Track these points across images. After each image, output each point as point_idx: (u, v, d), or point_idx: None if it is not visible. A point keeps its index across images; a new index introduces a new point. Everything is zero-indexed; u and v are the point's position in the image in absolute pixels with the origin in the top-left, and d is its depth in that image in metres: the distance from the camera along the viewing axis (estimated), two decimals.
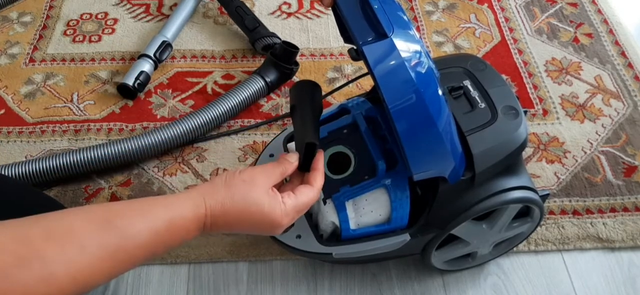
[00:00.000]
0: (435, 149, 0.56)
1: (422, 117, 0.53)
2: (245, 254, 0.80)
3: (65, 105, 0.99)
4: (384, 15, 0.55)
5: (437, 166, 0.58)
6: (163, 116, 0.97)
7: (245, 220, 0.52)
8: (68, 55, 1.08)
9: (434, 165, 0.58)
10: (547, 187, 0.88)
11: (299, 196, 0.55)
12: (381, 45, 0.53)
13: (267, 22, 1.10)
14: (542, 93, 1.02)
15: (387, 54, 0.53)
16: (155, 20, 1.15)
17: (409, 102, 0.52)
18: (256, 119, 0.97)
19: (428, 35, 1.13)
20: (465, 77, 0.69)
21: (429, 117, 0.53)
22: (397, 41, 0.53)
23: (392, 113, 0.53)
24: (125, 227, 0.45)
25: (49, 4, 1.18)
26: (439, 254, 0.73)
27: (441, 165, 0.58)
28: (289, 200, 0.54)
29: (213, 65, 1.06)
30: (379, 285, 0.79)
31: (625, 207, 0.86)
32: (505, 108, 0.65)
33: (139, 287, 0.78)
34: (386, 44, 0.53)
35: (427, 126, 0.54)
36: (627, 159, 0.92)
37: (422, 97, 0.52)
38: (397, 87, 0.52)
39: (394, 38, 0.53)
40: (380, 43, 0.53)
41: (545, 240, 0.83)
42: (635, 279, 0.80)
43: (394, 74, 0.52)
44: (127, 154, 0.86)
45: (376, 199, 0.65)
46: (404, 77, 0.52)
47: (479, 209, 0.64)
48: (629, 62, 1.07)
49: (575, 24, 1.15)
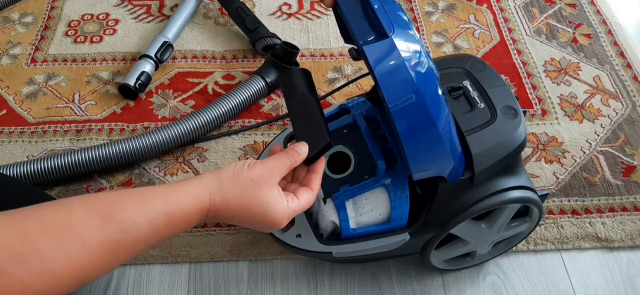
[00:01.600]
0: (435, 149, 0.56)
1: (422, 117, 0.54)
2: (245, 254, 0.81)
3: (67, 106, 0.99)
4: (384, 15, 0.55)
5: (436, 166, 0.59)
6: (164, 116, 0.98)
7: (247, 217, 0.52)
8: (69, 55, 1.08)
9: (433, 164, 0.59)
10: (546, 187, 0.89)
11: (301, 200, 0.55)
12: (382, 45, 0.53)
13: (267, 23, 1.11)
14: (541, 93, 1.02)
15: (387, 54, 0.53)
16: (156, 21, 1.15)
17: (409, 101, 0.53)
18: (257, 119, 0.97)
19: (427, 36, 1.13)
20: (465, 78, 0.69)
21: (428, 116, 0.54)
22: (397, 41, 0.53)
23: (392, 112, 0.53)
24: (125, 221, 0.44)
25: (50, 4, 1.18)
26: (438, 253, 0.73)
27: (440, 165, 0.59)
28: (292, 204, 0.54)
29: (214, 66, 1.07)
30: (379, 285, 0.79)
31: (624, 207, 0.86)
32: (505, 108, 0.65)
33: (139, 287, 0.78)
34: (386, 43, 0.53)
35: (427, 126, 0.54)
36: (626, 158, 0.93)
37: (422, 97, 0.53)
38: (397, 86, 0.53)
39: (394, 38, 0.53)
40: (380, 43, 0.54)
41: (544, 239, 0.83)
42: (634, 278, 0.80)
43: (394, 74, 0.53)
44: (128, 154, 0.86)
45: (376, 198, 0.65)
46: (404, 76, 0.53)
47: (478, 209, 0.65)
48: (628, 63, 1.07)
49: (574, 25, 1.15)
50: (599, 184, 0.89)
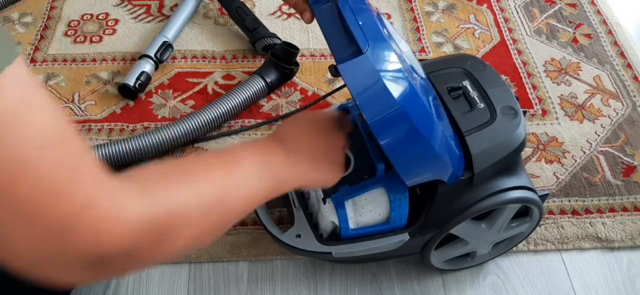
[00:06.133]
0: (425, 159, 0.56)
1: (408, 132, 0.52)
2: (245, 254, 0.81)
3: (67, 106, 0.99)
4: (358, 30, 0.53)
5: (430, 173, 0.58)
6: (164, 116, 0.98)
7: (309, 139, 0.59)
8: (69, 55, 1.08)
9: (426, 172, 0.58)
10: (546, 187, 0.89)
11: None
12: (356, 63, 0.51)
13: (267, 23, 1.10)
14: (541, 93, 1.02)
15: (362, 71, 0.51)
16: (156, 20, 1.15)
17: (391, 118, 0.51)
18: (256, 119, 0.97)
19: (428, 36, 1.13)
20: (465, 78, 0.69)
21: (414, 130, 0.52)
22: (373, 56, 0.51)
23: (373, 130, 0.52)
24: None
25: (49, 4, 1.18)
26: (438, 253, 0.73)
27: (435, 172, 0.58)
28: None
29: (214, 66, 1.07)
30: (379, 285, 0.79)
31: (624, 207, 0.86)
32: (504, 108, 0.65)
33: (139, 287, 0.78)
34: (361, 61, 0.51)
35: (414, 139, 0.53)
36: (626, 159, 0.93)
37: (403, 111, 0.51)
38: (376, 104, 0.51)
39: (369, 53, 0.51)
40: (355, 61, 0.52)
41: (544, 240, 0.83)
42: (634, 278, 0.80)
43: (372, 92, 0.51)
44: (128, 154, 0.86)
45: (375, 198, 0.65)
46: (382, 94, 0.51)
47: (477, 209, 0.65)
48: (628, 63, 1.07)
49: (575, 25, 1.15)
50: (599, 184, 0.89)
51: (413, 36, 1.13)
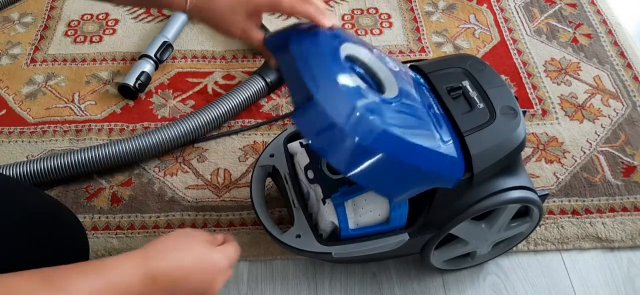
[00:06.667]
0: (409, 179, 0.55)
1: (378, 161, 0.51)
2: (245, 254, 0.81)
3: (67, 106, 0.99)
4: (307, 71, 0.51)
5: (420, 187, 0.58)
6: (164, 116, 0.98)
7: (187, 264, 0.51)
8: (69, 55, 1.08)
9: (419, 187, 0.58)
10: (546, 187, 0.89)
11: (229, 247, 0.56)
12: (307, 111, 0.49)
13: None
14: (541, 93, 1.02)
15: (316, 118, 0.49)
16: (156, 20, 1.15)
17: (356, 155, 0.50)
18: (256, 119, 0.97)
19: (428, 36, 1.13)
20: (465, 78, 0.69)
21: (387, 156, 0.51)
22: (324, 98, 0.49)
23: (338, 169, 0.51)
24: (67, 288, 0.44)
25: (50, 4, 1.18)
26: (438, 253, 0.73)
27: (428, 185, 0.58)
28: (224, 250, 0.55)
29: (213, 66, 1.07)
30: (379, 285, 0.79)
31: (624, 207, 0.86)
32: (504, 108, 0.65)
33: None
34: (311, 107, 0.49)
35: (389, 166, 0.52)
36: (626, 159, 0.93)
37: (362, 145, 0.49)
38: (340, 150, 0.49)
39: (320, 96, 0.49)
40: (305, 108, 0.49)
41: (544, 240, 0.83)
42: (634, 278, 0.80)
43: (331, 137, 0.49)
44: (128, 154, 0.86)
45: (375, 198, 0.65)
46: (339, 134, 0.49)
47: (477, 209, 0.65)
48: (628, 63, 1.07)
49: (575, 25, 1.15)
50: (600, 184, 0.89)
51: (413, 36, 1.13)
